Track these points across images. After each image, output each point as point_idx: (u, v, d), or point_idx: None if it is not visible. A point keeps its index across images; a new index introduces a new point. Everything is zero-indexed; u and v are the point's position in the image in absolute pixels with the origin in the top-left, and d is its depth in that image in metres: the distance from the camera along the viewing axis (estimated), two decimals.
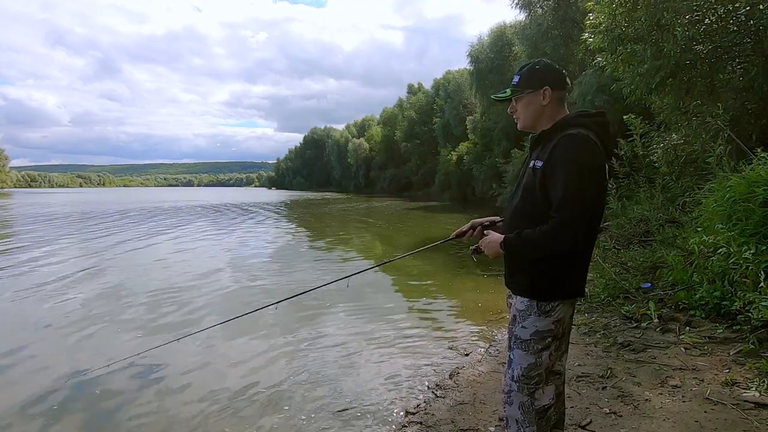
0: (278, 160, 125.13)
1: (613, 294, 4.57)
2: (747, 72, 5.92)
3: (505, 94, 1.74)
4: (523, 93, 1.70)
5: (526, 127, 1.75)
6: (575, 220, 1.49)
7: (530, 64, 1.74)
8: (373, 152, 60.39)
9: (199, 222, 17.59)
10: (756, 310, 3.09)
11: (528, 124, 1.73)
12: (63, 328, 4.69)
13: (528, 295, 1.66)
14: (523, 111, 1.72)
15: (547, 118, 1.68)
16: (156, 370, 3.66)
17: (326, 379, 3.47)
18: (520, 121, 1.75)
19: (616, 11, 6.45)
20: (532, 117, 1.71)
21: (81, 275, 7.23)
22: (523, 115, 1.73)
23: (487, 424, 2.60)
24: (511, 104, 1.77)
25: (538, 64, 1.73)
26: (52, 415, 3.00)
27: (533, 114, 1.70)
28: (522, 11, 20.09)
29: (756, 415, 2.38)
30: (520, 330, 1.67)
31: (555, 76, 1.69)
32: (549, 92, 1.67)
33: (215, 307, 5.45)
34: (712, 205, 4.18)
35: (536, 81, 1.68)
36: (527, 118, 1.72)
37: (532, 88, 1.68)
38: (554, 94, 1.67)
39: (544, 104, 1.68)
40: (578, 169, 1.51)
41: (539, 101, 1.68)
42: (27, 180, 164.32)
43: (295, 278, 7.25)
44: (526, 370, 1.65)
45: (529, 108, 1.70)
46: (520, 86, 1.71)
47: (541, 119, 1.70)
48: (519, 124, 1.77)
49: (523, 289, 1.68)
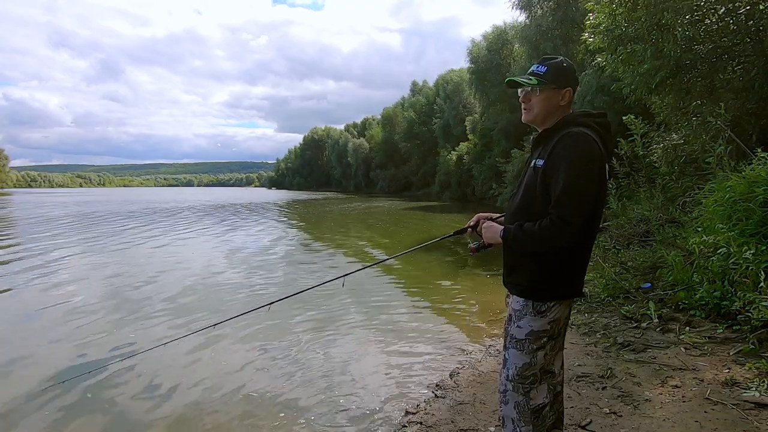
0: (278, 160, 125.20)
1: (613, 294, 4.57)
2: (747, 72, 5.92)
3: (530, 80, 1.65)
4: (548, 86, 1.64)
5: (534, 121, 1.69)
6: (573, 218, 1.48)
7: (557, 60, 1.67)
8: (373, 152, 60.42)
9: (206, 221, 17.67)
10: (756, 310, 3.09)
11: (539, 119, 1.68)
12: (52, 326, 4.69)
13: (524, 295, 1.66)
14: (540, 104, 1.66)
15: (556, 118, 1.65)
16: (152, 371, 3.65)
17: (326, 379, 3.47)
18: (531, 114, 1.69)
19: (616, 11, 6.45)
20: (545, 113, 1.66)
21: (88, 272, 7.24)
22: (538, 108, 1.66)
23: (487, 424, 2.60)
24: (525, 92, 1.69)
25: (564, 63, 1.67)
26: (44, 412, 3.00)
27: (548, 110, 1.65)
28: (522, 12, 20.12)
29: (756, 415, 2.38)
30: (515, 329, 1.67)
31: (576, 81, 1.68)
32: (570, 95, 1.65)
33: (214, 306, 5.45)
34: (712, 205, 4.18)
35: (562, 79, 1.64)
36: (540, 112, 1.66)
37: (557, 85, 1.63)
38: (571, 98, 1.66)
39: (561, 104, 1.65)
40: (578, 168, 1.50)
41: (557, 100, 1.64)
42: (27, 180, 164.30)
43: (295, 276, 7.25)
44: (521, 369, 1.66)
45: (548, 103, 1.65)
46: (547, 78, 1.64)
47: (551, 118, 1.66)
48: (527, 116, 1.70)
49: (520, 290, 1.68)
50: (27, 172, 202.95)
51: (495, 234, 1.71)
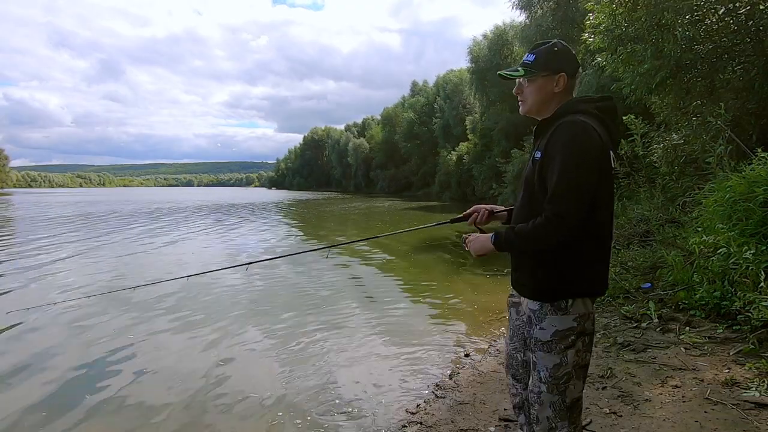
0: (278, 160, 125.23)
1: (613, 294, 4.57)
2: (747, 72, 5.91)
3: (517, 72, 1.58)
4: (538, 75, 1.56)
5: (530, 112, 1.62)
6: (569, 212, 1.39)
7: (547, 45, 1.58)
8: (373, 152, 60.42)
9: (209, 221, 17.70)
10: (756, 310, 3.09)
11: (533, 109, 1.60)
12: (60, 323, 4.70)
13: (534, 296, 1.55)
14: (532, 95, 1.58)
15: (554, 106, 1.56)
16: (149, 368, 3.66)
17: (325, 379, 3.47)
18: (526, 105, 1.62)
19: (616, 11, 6.45)
20: (539, 103, 1.58)
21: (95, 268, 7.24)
22: (531, 99, 1.59)
23: (487, 424, 2.60)
24: (518, 84, 1.62)
25: (556, 46, 1.56)
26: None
27: (542, 100, 1.58)
28: (521, 12, 20.11)
29: (756, 415, 2.38)
30: (539, 332, 1.53)
31: (572, 65, 1.56)
32: (564, 80, 1.55)
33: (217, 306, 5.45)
34: (712, 205, 4.19)
35: (553, 65, 1.55)
36: (534, 103, 1.59)
37: (548, 72, 1.55)
38: (568, 82, 1.56)
39: (556, 91, 1.56)
40: (573, 159, 1.40)
41: (551, 87, 1.56)
42: (27, 180, 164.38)
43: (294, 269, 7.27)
44: (553, 371, 1.52)
45: (540, 93, 1.57)
46: (535, 67, 1.56)
47: (548, 106, 1.57)
48: (523, 107, 1.63)
49: (530, 291, 1.58)
50: (27, 172, 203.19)
51: (484, 243, 1.60)
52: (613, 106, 1.57)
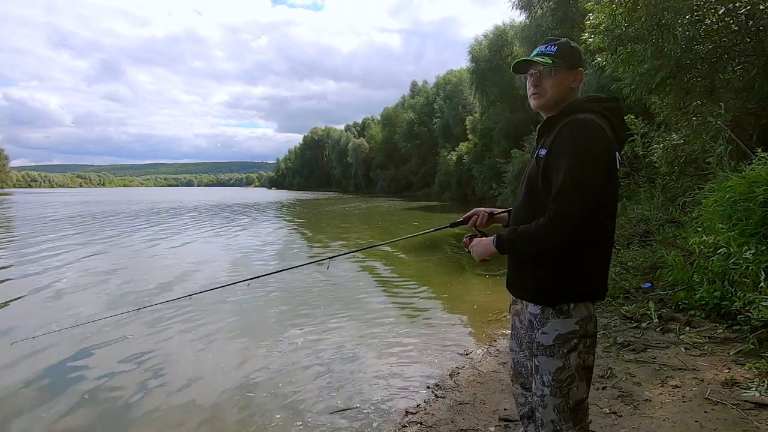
0: (278, 160, 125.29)
1: (613, 294, 4.57)
2: (747, 72, 5.92)
3: (546, 60, 1.50)
4: (562, 66, 1.50)
5: (546, 106, 1.55)
6: (573, 211, 1.36)
7: (564, 40, 1.55)
8: (373, 152, 60.43)
9: (213, 221, 17.72)
10: (756, 310, 3.09)
11: (551, 103, 1.54)
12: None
13: (535, 299, 1.54)
14: (554, 87, 1.52)
15: (566, 102, 1.53)
16: (150, 368, 3.66)
17: (325, 379, 3.46)
18: (543, 98, 1.54)
19: (616, 11, 6.45)
20: (558, 96, 1.52)
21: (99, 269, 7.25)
22: (552, 92, 1.52)
23: (487, 424, 2.60)
24: (535, 75, 1.55)
25: (571, 42, 1.54)
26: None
27: (562, 93, 1.52)
28: (521, 12, 20.12)
29: (756, 415, 2.38)
30: (541, 336, 1.52)
31: (582, 63, 1.55)
32: (582, 76, 1.52)
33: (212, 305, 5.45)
34: (712, 205, 4.19)
35: (575, 59, 1.52)
36: (554, 96, 1.53)
37: (570, 66, 1.51)
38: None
39: (573, 87, 1.53)
40: (580, 158, 1.38)
41: (569, 82, 1.52)
42: (27, 180, 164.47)
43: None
44: (555, 374, 1.51)
45: (562, 86, 1.51)
46: (560, 57, 1.50)
47: (563, 102, 1.53)
48: (538, 101, 1.55)
49: (530, 293, 1.56)
50: (27, 172, 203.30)
51: (487, 247, 1.57)
52: (620, 107, 1.55)
